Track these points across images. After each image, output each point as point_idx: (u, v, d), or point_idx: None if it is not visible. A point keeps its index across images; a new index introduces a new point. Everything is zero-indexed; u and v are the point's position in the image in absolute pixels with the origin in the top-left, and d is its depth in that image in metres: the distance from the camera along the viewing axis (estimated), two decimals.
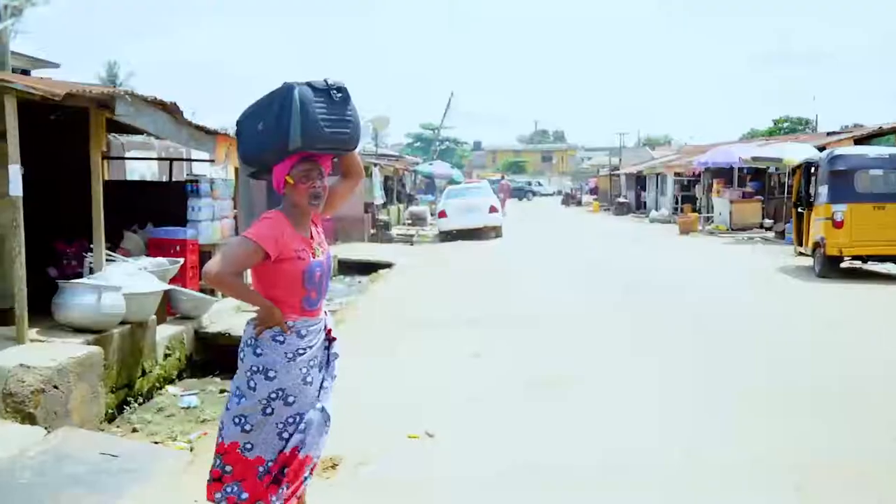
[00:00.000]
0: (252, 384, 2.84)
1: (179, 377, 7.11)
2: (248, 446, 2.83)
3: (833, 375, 5.96)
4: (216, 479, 2.87)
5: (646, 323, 8.38)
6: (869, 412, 5.04)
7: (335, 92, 2.85)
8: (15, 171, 5.44)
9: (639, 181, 36.63)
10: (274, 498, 2.83)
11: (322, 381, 2.99)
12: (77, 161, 6.74)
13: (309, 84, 2.82)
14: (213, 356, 7.57)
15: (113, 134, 10.52)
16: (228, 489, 2.85)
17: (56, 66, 13.51)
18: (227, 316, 8.34)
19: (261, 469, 2.84)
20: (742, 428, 4.79)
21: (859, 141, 17.72)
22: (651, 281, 11.52)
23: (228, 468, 2.85)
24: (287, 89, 2.79)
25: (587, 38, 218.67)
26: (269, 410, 2.83)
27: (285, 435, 2.85)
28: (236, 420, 2.85)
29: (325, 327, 3.01)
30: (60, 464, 4.27)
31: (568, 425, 4.92)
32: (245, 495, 2.83)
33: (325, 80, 2.86)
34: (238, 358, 2.91)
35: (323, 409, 2.97)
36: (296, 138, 2.75)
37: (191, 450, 4.93)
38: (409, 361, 6.78)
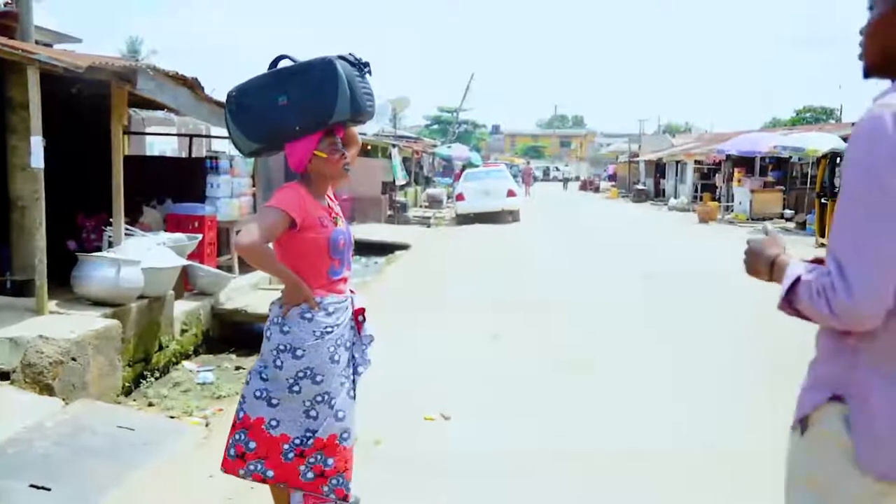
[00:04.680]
0: (279, 363, 2.80)
1: (195, 353, 7.14)
2: (274, 423, 2.80)
3: None
4: (239, 456, 2.85)
5: (663, 311, 8.31)
6: None
7: (363, 66, 2.90)
8: (37, 143, 5.44)
9: (658, 168, 36.28)
10: (326, 488, 2.82)
11: (356, 367, 2.96)
12: (98, 135, 6.75)
13: (342, 57, 2.85)
14: (229, 333, 7.62)
15: (133, 109, 10.53)
16: (252, 466, 2.83)
17: (78, 41, 13.52)
18: (244, 293, 8.37)
19: (285, 447, 2.80)
20: (761, 418, 4.73)
21: None
22: (669, 269, 11.41)
23: (252, 444, 2.83)
24: (329, 62, 2.82)
25: (608, 23, 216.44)
26: (296, 388, 2.79)
27: (312, 413, 2.81)
28: (257, 394, 2.83)
29: (353, 306, 2.97)
30: (78, 435, 4.30)
31: (586, 410, 4.88)
32: (271, 473, 2.82)
33: (352, 55, 2.89)
34: (264, 336, 2.88)
35: (353, 397, 2.94)
36: (343, 111, 2.79)
37: (206, 425, 4.94)
38: (425, 343, 6.76)
